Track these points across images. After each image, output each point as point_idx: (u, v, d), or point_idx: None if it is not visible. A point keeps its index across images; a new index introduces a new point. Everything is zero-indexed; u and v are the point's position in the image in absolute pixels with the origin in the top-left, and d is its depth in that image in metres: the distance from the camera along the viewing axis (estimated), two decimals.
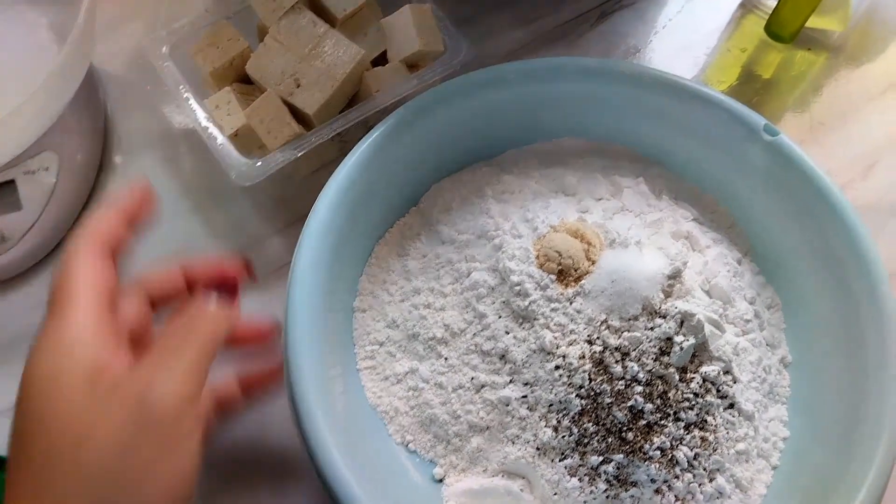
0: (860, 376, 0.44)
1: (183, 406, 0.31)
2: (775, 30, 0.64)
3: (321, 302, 0.43)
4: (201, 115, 0.49)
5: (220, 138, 0.49)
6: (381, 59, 0.55)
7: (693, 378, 0.43)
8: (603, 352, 0.43)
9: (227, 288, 0.41)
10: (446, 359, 0.46)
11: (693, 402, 0.43)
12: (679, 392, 0.43)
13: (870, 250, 0.45)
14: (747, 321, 0.47)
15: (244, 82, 0.54)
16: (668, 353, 0.43)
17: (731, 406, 0.45)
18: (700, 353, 0.44)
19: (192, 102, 0.50)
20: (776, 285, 0.51)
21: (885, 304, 0.44)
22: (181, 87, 0.50)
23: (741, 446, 0.44)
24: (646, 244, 0.47)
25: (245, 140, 0.50)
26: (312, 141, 0.48)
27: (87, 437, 0.30)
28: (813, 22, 0.64)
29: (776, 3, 0.63)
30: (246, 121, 0.49)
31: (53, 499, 0.29)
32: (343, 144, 0.53)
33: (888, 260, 0.55)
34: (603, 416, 0.43)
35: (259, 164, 0.47)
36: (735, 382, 0.45)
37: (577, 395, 0.43)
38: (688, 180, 0.54)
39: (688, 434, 0.43)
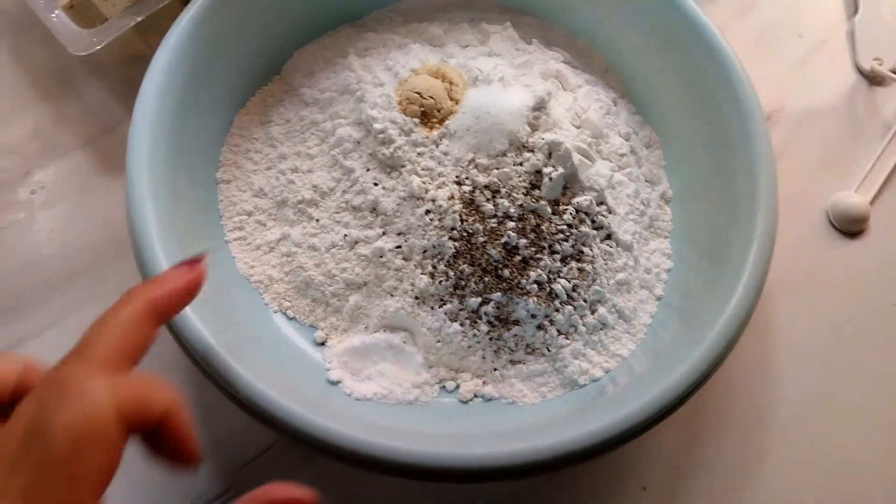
0: (732, 205, 0.43)
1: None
2: None
3: (167, 176, 0.40)
4: None
5: (56, 11, 0.45)
6: None
7: (566, 210, 0.43)
8: (473, 191, 0.42)
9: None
10: (318, 220, 0.44)
11: (568, 234, 0.42)
12: (552, 224, 0.42)
13: (739, 75, 0.45)
14: (622, 155, 0.47)
15: None
16: (539, 187, 0.42)
17: (609, 237, 0.44)
18: (571, 184, 0.43)
19: None
20: (654, 126, 0.51)
21: (754, 132, 0.43)
22: None
23: (621, 276, 0.44)
24: (511, 82, 0.45)
25: (83, 12, 0.46)
26: (153, 5, 0.45)
27: None
28: None
29: None
30: None
31: None
32: None
33: (768, 97, 0.55)
34: (478, 256, 0.42)
35: (96, 31, 0.44)
36: (611, 213, 0.44)
37: (449, 238, 0.42)
38: (560, 27, 0.53)
39: (565, 266, 0.42)
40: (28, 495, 0.19)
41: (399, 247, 0.43)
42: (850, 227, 0.51)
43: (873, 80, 0.56)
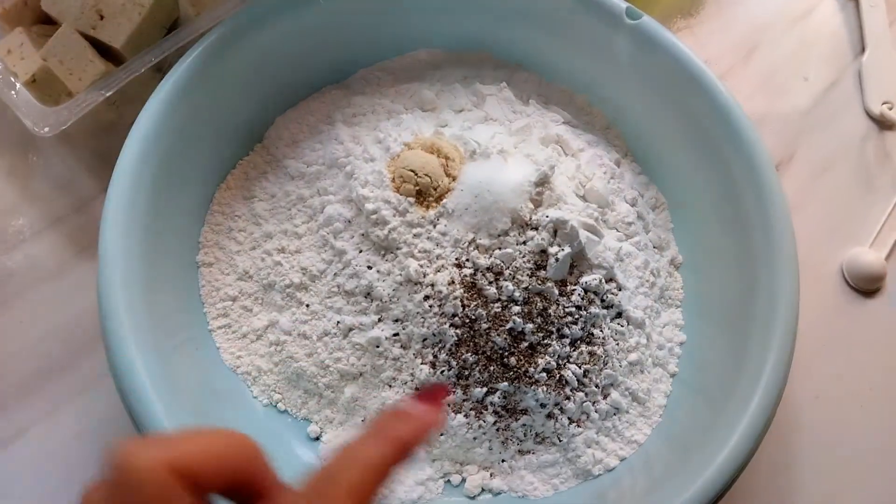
0: (749, 268, 0.41)
1: None
2: None
3: (142, 262, 0.37)
4: None
5: (17, 87, 0.42)
6: None
7: (574, 290, 0.40)
8: (474, 274, 0.39)
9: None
10: (308, 305, 0.41)
11: (577, 316, 0.40)
12: (560, 307, 0.40)
13: (747, 130, 0.42)
14: (629, 224, 0.44)
15: (45, 23, 0.47)
16: (544, 267, 0.40)
17: (619, 315, 0.42)
18: (579, 262, 0.41)
19: None
20: (660, 184, 0.48)
21: (768, 190, 0.41)
22: None
23: (634, 357, 0.41)
24: (511, 152, 0.42)
25: (46, 86, 0.43)
26: (123, 77, 0.42)
27: None
28: None
29: None
30: (42, 63, 0.42)
31: None
32: None
33: (776, 147, 0.52)
34: (481, 343, 0.39)
35: (60, 109, 0.41)
36: (620, 290, 0.41)
37: (451, 325, 0.39)
38: (558, 82, 0.50)
39: (574, 351, 0.40)
40: None
41: (397, 335, 0.40)
42: (867, 285, 0.49)
43: (883, 124, 0.54)
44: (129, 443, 0.20)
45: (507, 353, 0.39)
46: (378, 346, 0.40)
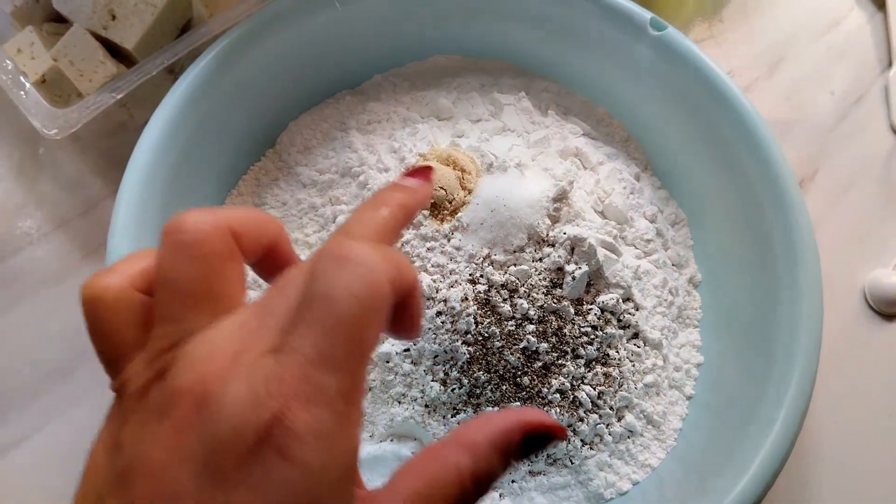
0: (771, 288, 0.40)
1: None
2: None
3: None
4: (2, 62, 0.42)
5: (27, 87, 0.41)
6: None
7: (590, 310, 0.39)
8: (488, 291, 0.38)
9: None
10: None
11: (592, 336, 0.39)
12: (576, 327, 0.39)
13: (770, 145, 0.41)
14: (648, 241, 0.43)
15: (57, 21, 0.46)
16: (560, 285, 0.39)
17: (636, 336, 0.41)
18: (596, 280, 0.40)
19: None
20: (680, 199, 0.47)
21: (791, 207, 0.40)
22: None
23: (649, 378, 0.40)
24: (529, 166, 0.41)
25: (56, 87, 0.42)
26: (134, 80, 0.41)
27: None
28: None
29: None
30: (53, 63, 0.41)
31: None
32: None
33: (799, 163, 0.51)
34: (494, 361, 0.38)
35: (70, 111, 0.40)
36: (638, 309, 0.40)
37: (463, 343, 0.38)
38: (577, 93, 0.49)
39: (589, 372, 0.39)
40: (318, 357, 0.18)
41: (407, 350, 0.39)
42: (889, 308, 0.47)
43: None
44: (184, 212, 0.20)
45: (520, 373, 0.38)
46: (388, 362, 0.39)
